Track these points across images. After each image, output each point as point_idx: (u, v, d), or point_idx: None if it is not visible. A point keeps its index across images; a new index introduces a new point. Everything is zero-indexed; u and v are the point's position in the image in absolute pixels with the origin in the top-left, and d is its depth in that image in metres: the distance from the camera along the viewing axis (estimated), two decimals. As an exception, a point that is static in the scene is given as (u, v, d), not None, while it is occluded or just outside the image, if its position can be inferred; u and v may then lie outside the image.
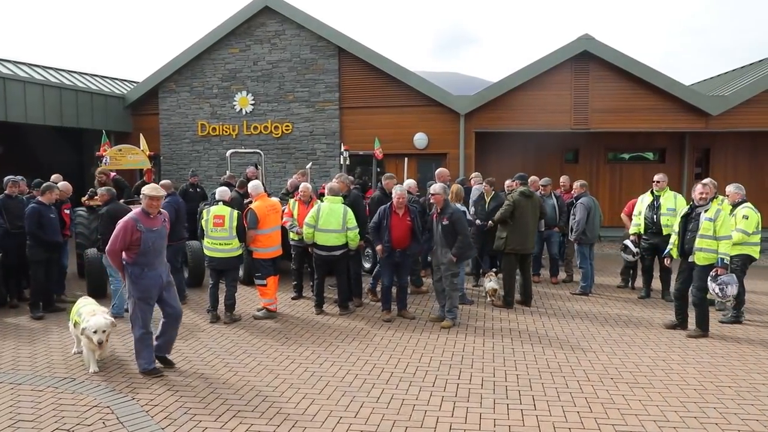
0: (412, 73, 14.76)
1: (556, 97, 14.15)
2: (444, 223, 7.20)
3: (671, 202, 8.50)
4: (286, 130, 15.36)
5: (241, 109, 15.52)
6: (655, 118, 13.96)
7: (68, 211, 8.86)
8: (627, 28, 72.45)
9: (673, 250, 7.04)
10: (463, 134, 14.50)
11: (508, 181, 9.32)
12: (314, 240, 7.64)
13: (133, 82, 18.26)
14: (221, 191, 7.80)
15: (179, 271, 8.43)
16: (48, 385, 5.30)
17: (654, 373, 5.60)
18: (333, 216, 7.58)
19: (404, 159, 13.00)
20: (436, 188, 7.40)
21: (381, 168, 13.44)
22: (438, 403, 4.89)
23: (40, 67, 15.31)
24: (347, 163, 12.06)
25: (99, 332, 5.39)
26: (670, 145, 15.57)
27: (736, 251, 7.11)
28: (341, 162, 12.19)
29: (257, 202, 7.75)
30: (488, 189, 9.43)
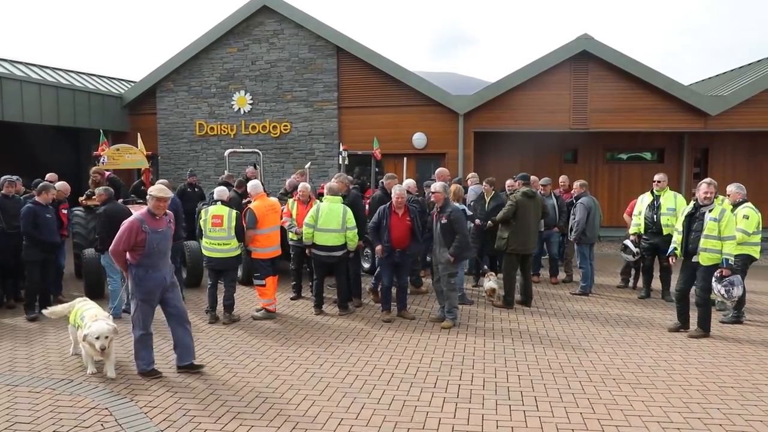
0: (410, 73, 14.71)
1: (555, 96, 14.13)
2: (443, 222, 7.20)
3: (671, 201, 8.50)
4: (285, 129, 15.31)
5: (239, 108, 15.45)
6: (654, 118, 13.94)
7: (66, 211, 8.80)
8: (626, 29, 72.59)
9: (677, 249, 6.96)
10: (462, 134, 14.46)
11: (509, 181, 9.29)
12: (313, 240, 7.60)
13: (130, 81, 18.18)
14: (220, 191, 7.77)
15: (177, 271, 8.36)
16: (45, 387, 5.25)
17: (656, 373, 5.58)
18: (332, 216, 7.54)
19: (403, 159, 12.97)
20: (437, 187, 7.41)
21: (379, 168, 13.39)
22: (440, 404, 4.85)
23: (37, 66, 15.22)
24: (346, 162, 12.01)
25: (101, 338, 5.25)
26: (668, 145, 15.57)
27: (737, 251, 7.09)
28: (340, 162, 12.14)
29: (256, 202, 7.70)
30: (488, 189, 9.41)
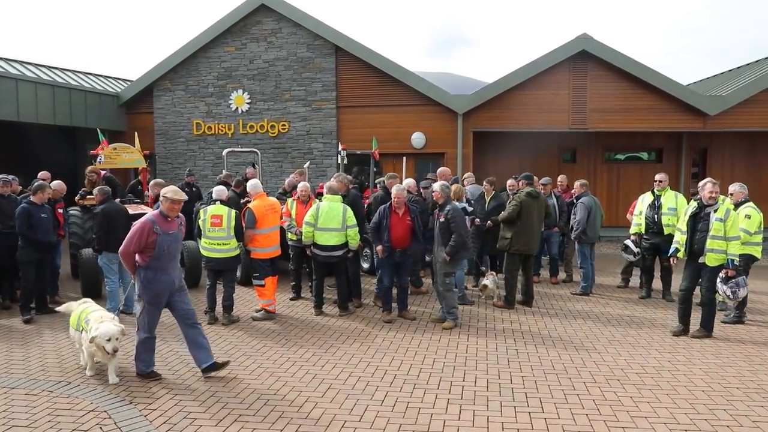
0: (410, 72, 14.65)
1: (554, 96, 14.09)
2: (440, 221, 7.23)
3: (672, 201, 8.48)
4: (283, 129, 15.22)
5: (237, 107, 15.36)
6: (653, 117, 13.92)
7: (61, 210, 8.71)
8: (624, 29, 72.75)
9: (680, 250, 6.87)
10: (460, 134, 14.41)
11: (510, 181, 9.24)
12: (314, 240, 7.54)
13: (127, 80, 18.07)
14: (218, 190, 7.70)
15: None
16: (43, 389, 5.17)
17: (660, 374, 5.53)
18: (332, 215, 7.48)
19: (402, 158, 12.90)
20: (436, 186, 7.48)
21: (377, 168, 13.33)
22: (443, 405, 4.80)
23: (33, 64, 15.10)
24: (345, 162, 11.94)
25: (113, 340, 5.11)
26: (667, 145, 15.56)
27: (740, 251, 7.05)
28: (339, 161, 12.07)
29: (256, 202, 7.62)
30: (488, 188, 9.37)
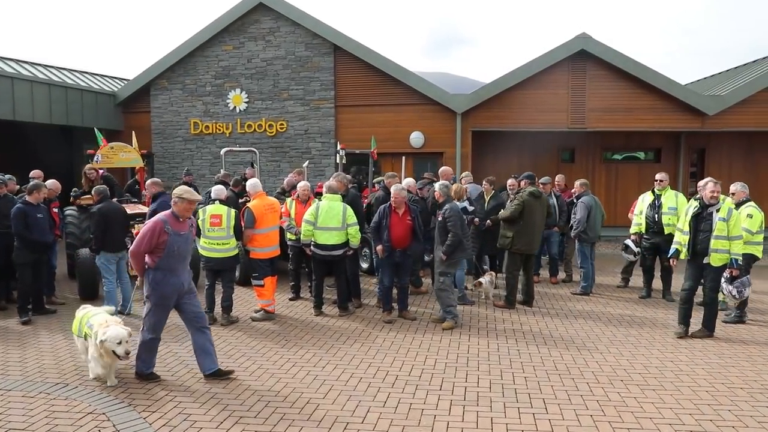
0: (408, 72, 14.59)
1: (553, 96, 14.06)
2: (439, 220, 7.24)
3: (672, 201, 8.46)
4: (281, 128, 15.15)
5: (235, 107, 15.28)
6: (651, 117, 13.91)
7: (57, 210, 8.62)
8: (622, 29, 72.92)
9: (681, 250, 6.81)
10: (459, 133, 14.36)
11: (510, 180, 9.20)
12: (314, 239, 7.48)
13: (124, 79, 17.96)
14: (217, 190, 7.64)
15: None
16: (40, 391, 5.10)
17: (663, 374, 5.50)
18: (332, 214, 7.43)
19: (401, 158, 12.85)
20: (437, 185, 7.55)
21: (375, 167, 13.27)
22: (447, 407, 4.75)
23: (29, 63, 14.99)
24: (344, 162, 11.88)
25: (123, 343, 5.00)
26: (665, 145, 15.55)
27: (742, 250, 7.03)
28: (338, 161, 12.00)
29: (255, 201, 7.56)
30: (488, 188, 9.34)
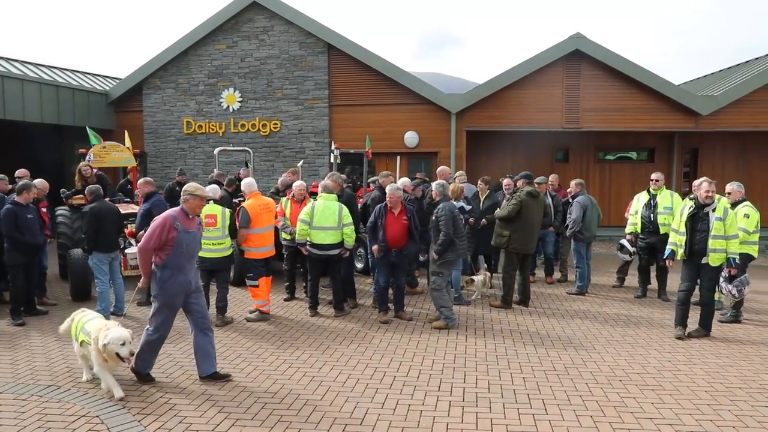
0: (403, 71, 14.55)
1: (548, 96, 14.07)
2: (432, 219, 7.24)
3: (668, 200, 8.47)
4: (275, 127, 15.06)
5: (228, 106, 15.18)
6: (645, 117, 13.95)
7: (45, 210, 8.50)
8: (613, 30, 73.24)
9: (677, 251, 6.76)
10: (454, 133, 14.34)
11: (506, 180, 9.18)
12: (309, 239, 7.42)
13: (116, 78, 17.79)
14: (211, 189, 7.55)
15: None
16: (31, 394, 5.01)
17: (662, 374, 5.49)
18: (328, 213, 7.37)
19: (396, 158, 12.82)
20: (433, 184, 7.56)
21: (370, 167, 13.23)
22: (446, 408, 4.71)
23: (19, 62, 14.81)
24: (338, 161, 11.82)
25: (127, 344, 4.86)
26: (659, 145, 15.59)
27: (739, 250, 7.04)
28: (332, 160, 11.94)
29: (250, 201, 7.49)
30: (483, 187, 9.33)
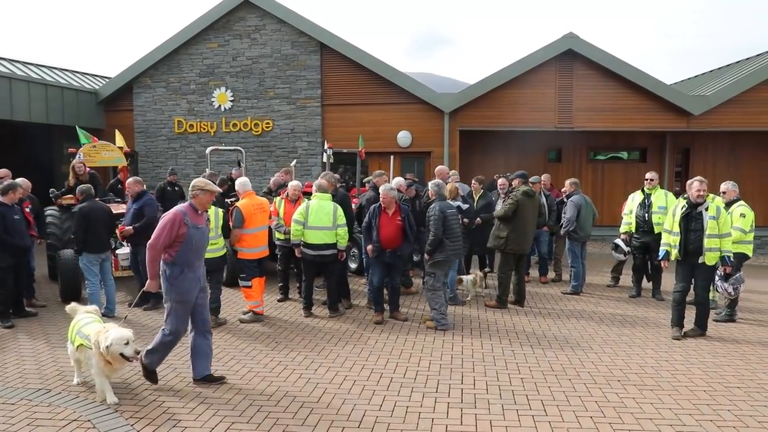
0: (396, 71, 14.50)
1: (541, 95, 14.09)
2: (425, 219, 7.21)
3: (662, 200, 8.47)
4: (267, 127, 14.96)
5: (220, 105, 15.05)
6: (638, 117, 14.00)
7: (29, 209, 8.34)
8: (605, 30, 73.70)
9: (672, 252, 6.70)
10: (447, 132, 14.31)
11: (501, 180, 9.15)
12: (303, 239, 7.34)
13: (105, 77, 17.60)
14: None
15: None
16: (21, 398, 4.89)
17: (660, 374, 5.46)
18: (323, 213, 7.30)
19: (389, 157, 12.75)
20: (429, 184, 7.56)
21: (363, 167, 13.16)
22: (444, 409, 4.65)
23: (7, 60, 14.61)
24: (331, 161, 11.74)
25: (130, 343, 4.70)
26: (651, 145, 15.66)
27: (734, 249, 7.05)
28: (325, 160, 11.86)
29: (244, 200, 7.40)
30: (477, 187, 9.29)
